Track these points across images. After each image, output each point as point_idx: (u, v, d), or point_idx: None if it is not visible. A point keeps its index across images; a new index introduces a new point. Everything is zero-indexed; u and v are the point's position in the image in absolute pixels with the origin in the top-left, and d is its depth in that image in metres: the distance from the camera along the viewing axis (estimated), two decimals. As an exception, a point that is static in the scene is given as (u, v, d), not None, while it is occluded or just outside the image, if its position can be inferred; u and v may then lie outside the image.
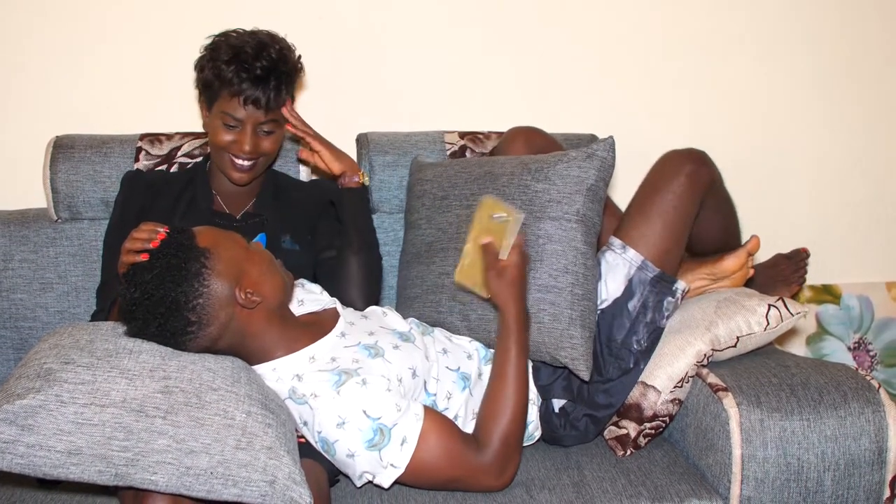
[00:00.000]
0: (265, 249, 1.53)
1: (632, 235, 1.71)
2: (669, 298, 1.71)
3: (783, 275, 2.02)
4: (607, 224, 1.89)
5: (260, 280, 1.46)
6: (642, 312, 1.69)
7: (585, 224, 1.65)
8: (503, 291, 1.56)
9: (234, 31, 1.77)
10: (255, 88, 1.71)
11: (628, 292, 1.69)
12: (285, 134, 1.87)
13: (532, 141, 1.91)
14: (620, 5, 2.36)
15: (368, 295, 1.80)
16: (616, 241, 1.72)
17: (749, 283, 1.92)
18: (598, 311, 1.70)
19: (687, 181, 1.71)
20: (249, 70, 1.70)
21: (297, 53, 1.80)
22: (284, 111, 1.80)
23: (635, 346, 1.68)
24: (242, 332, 1.46)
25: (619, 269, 1.70)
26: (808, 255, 2.03)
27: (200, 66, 1.77)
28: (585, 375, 1.63)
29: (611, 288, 1.71)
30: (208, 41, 1.78)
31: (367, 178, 1.89)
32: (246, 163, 1.78)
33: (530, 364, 1.72)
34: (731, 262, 1.86)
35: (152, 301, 1.37)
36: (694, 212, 1.73)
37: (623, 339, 1.69)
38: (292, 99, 1.83)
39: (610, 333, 1.69)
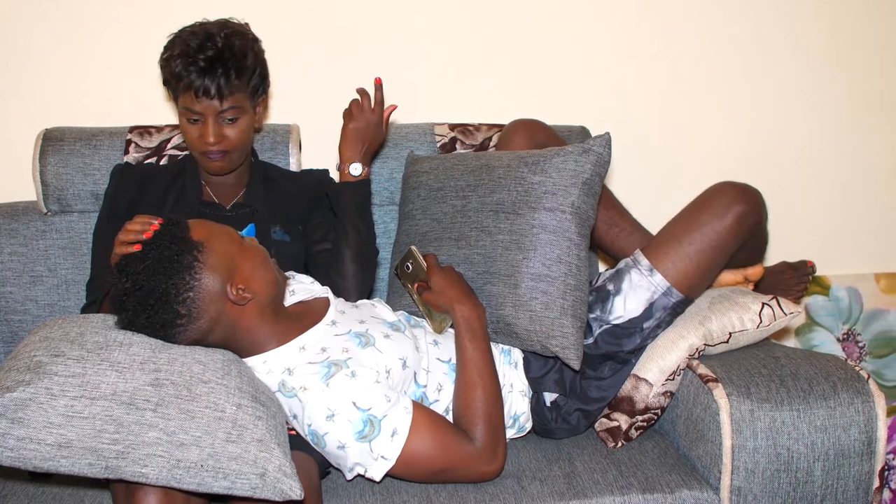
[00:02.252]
0: (260, 246, 1.53)
1: (664, 262, 1.67)
2: (681, 315, 1.72)
3: (786, 284, 2.01)
4: (603, 215, 1.89)
5: (252, 276, 1.46)
6: (655, 331, 1.70)
7: (580, 216, 1.65)
8: (441, 300, 1.64)
9: (190, 25, 1.78)
10: (203, 79, 1.71)
11: (647, 314, 1.68)
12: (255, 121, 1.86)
13: (534, 134, 1.90)
14: (611, -3, 2.37)
15: (362, 291, 1.80)
16: (644, 262, 1.69)
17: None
18: (609, 326, 1.69)
19: (734, 223, 1.66)
20: (194, 62, 1.71)
21: (250, 37, 1.79)
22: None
23: (636, 352, 1.70)
24: (233, 327, 1.46)
25: (641, 291, 1.68)
26: (813, 271, 2.01)
27: (161, 66, 1.78)
28: (576, 365, 1.63)
29: (629, 307, 1.69)
30: (168, 39, 1.78)
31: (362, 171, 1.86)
32: (216, 154, 1.78)
33: (520, 355, 1.73)
34: (726, 276, 1.87)
35: (143, 292, 1.36)
36: (732, 251, 1.69)
37: (630, 349, 1.70)
38: (262, 79, 1.81)
39: (620, 347, 1.69)
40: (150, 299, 1.37)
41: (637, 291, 1.69)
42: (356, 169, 1.83)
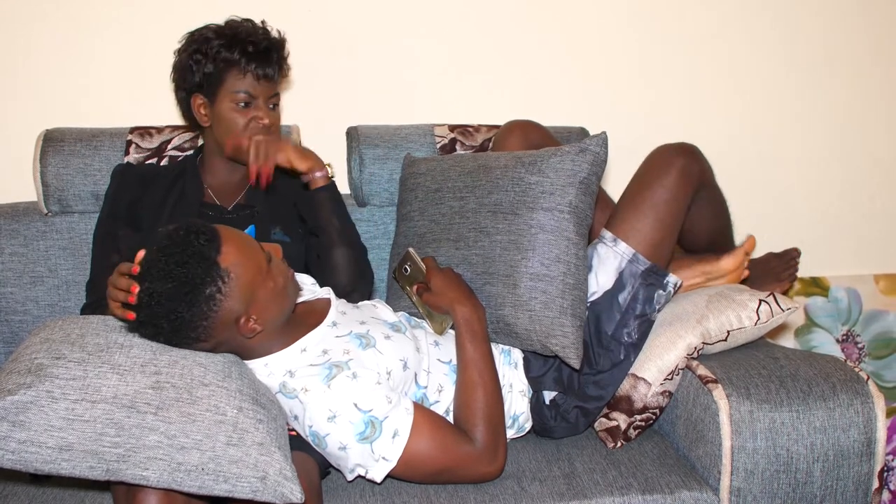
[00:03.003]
0: (283, 265, 1.50)
1: (623, 229, 1.71)
2: (660, 292, 1.71)
3: (774, 272, 2.04)
4: (600, 217, 1.90)
5: (268, 307, 1.45)
6: (633, 305, 1.70)
7: (577, 216, 1.66)
8: (441, 302, 1.65)
9: (200, 28, 1.79)
10: (266, 62, 1.76)
11: (619, 285, 1.70)
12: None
13: (528, 134, 1.91)
14: (610, -2, 2.37)
15: (362, 291, 1.80)
16: (607, 234, 1.72)
17: (742, 281, 1.94)
18: (588, 303, 1.71)
19: (678, 176, 1.71)
20: (257, 44, 1.75)
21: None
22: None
23: (625, 339, 1.69)
24: (240, 344, 1.46)
25: (609, 262, 1.70)
26: (798, 254, 2.05)
27: (194, 62, 1.76)
28: (576, 364, 1.64)
29: (601, 280, 1.71)
30: (181, 44, 1.79)
31: (333, 171, 1.85)
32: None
33: (520, 355, 1.74)
34: (728, 262, 1.88)
35: (159, 313, 1.36)
36: (685, 206, 1.73)
37: (613, 331, 1.69)
38: None
39: (600, 326, 1.70)
40: (164, 321, 1.36)
41: (605, 263, 1.71)
42: (316, 175, 1.80)
